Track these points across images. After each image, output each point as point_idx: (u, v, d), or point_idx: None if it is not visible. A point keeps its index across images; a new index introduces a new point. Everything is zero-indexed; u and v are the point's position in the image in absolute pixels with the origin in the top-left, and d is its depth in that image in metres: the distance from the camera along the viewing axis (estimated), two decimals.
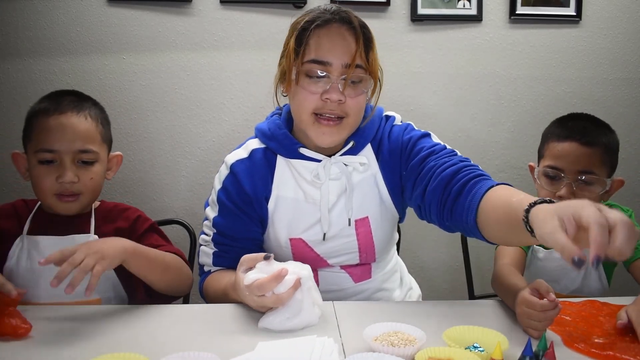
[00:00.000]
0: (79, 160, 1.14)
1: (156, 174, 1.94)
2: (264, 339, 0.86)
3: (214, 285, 1.12)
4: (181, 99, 1.92)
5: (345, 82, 1.03)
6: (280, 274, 0.89)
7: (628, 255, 0.65)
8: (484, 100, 2.02)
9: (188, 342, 0.87)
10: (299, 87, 1.06)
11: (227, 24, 1.90)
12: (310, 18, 1.06)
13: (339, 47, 1.04)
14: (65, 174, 1.11)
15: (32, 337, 0.89)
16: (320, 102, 1.05)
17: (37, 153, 1.12)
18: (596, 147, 1.23)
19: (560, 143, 1.25)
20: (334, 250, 1.16)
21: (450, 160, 1.06)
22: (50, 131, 1.12)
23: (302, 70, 1.05)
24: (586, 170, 1.23)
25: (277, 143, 1.13)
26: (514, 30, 1.99)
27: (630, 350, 0.85)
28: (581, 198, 1.20)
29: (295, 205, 1.14)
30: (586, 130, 1.25)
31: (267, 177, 1.14)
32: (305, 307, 0.91)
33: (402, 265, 1.37)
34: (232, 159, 1.15)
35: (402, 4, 1.94)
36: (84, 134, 1.15)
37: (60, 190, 1.13)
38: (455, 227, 1.04)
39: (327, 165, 1.12)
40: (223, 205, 1.13)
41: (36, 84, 1.86)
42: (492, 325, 0.89)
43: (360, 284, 1.20)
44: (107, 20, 1.86)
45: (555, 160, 1.25)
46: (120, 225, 1.21)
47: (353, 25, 1.05)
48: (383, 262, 1.24)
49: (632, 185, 2.07)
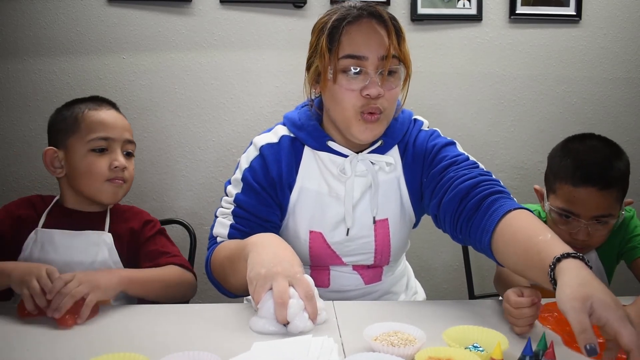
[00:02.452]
0: (124, 151, 1.24)
1: (156, 174, 1.94)
2: (262, 339, 0.86)
3: (222, 252, 1.11)
4: (181, 99, 1.92)
5: (384, 74, 1.03)
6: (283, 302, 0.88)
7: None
8: (484, 100, 2.02)
9: (188, 342, 0.87)
10: (337, 85, 1.05)
11: (227, 24, 1.90)
12: (339, 16, 1.06)
13: (373, 40, 1.04)
14: (119, 159, 1.21)
15: (31, 337, 0.89)
16: (363, 100, 1.04)
17: (91, 142, 1.20)
18: (613, 189, 1.18)
19: (577, 189, 1.18)
20: (351, 249, 1.15)
21: (470, 173, 1.05)
22: (104, 121, 1.22)
23: (339, 67, 1.04)
24: (604, 214, 1.18)
25: (306, 134, 1.13)
26: (514, 30, 1.99)
27: None
28: (595, 236, 1.20)
29: (318, 198, 1.13)
30: (602, 173, 1.17)
31: (293, 166, 1.13)
32: (296, 314, 0.89)
33: (409, 270, 1.37)
34: (262, 141, 1.14)
35: (402, 3, 1.94)
36: (128, 128, 1.27)
37: (113, 176, 1.21)
38: (468, 242, 1.04)
39: (354, 161, 1.11)
40: (248, 184, 1.13)
41: (36, 84, 1.86)
42: (492, 325, 0.89)
43: (370, 286, 1.19)
44: (107, 20, 1.86)
45: (571, 205, 1.19)
46: (133, 225, 1.25)
47: (383, 19, 1.06)
48: (394, 266, 1.24)
49: (632, 185, 2.06)
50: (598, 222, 1.19)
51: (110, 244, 1.20)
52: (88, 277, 0.98)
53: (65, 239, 1.17)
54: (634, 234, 1.29)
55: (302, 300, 0.90)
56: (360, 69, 1.03)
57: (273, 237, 1.03)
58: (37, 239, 1.17)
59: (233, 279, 1.07)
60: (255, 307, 0.92)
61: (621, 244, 1.30)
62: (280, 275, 0.90)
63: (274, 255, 0.94)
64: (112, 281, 1.03)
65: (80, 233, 1.18)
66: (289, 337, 0.86)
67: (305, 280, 0.92)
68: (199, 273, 1.24)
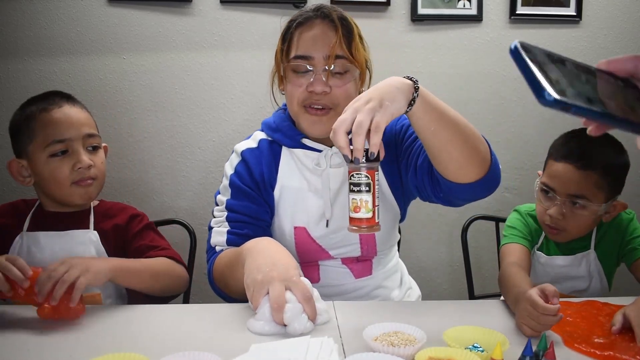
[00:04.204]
0: (88, 146, 1.19)
1: (156, 174, 1.94)
2: (262, 339, 0.86)
3: (222, 260, 1.11)
4: (181, 99, 1.92)
5: (328, 72, 1.08)
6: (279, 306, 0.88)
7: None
8: (484, 100, 2.02)
9: (188, 342, 0.87)
10: (288, 82, 1.13)
11: (227, 24, 1.90)
12: (293, 17, 1.15)
13: (319, 40, 1.09)
14: (82, 160, 1.16)
15: (31, 337, 0.89)
16: (306, 94, 1.10)
17: (48, 147, 1.15)
18: (591, 171, 1.19)
19: (557, 163, 1.23)
20: (336, 241, 1.17)
21: None
22: (57, 123, 1.17)
23: (289, 67, 1.12)
24: (577, 194, 1.20)
25: (281, 134, 1.18)
26: (514, 30, 1.99)
27: (630, 350, 0.86)
28: (571, 219, 1.21)
29: (299, 194, 1.16)
30: (584, 152, 1.20)
31: (273, 166, 1.18)
32: (294, 318, 0.89)
33: (402, 266, 1.38)
34: (243, 147, 1.20)
35: (402, 4, 1.94)
36: (86, 121, 1.21)
37: (78, 178, 1.17)
38: (451, 197, 1.05)
39: (327, 154, 1.16)
40: (236, 188, 1.16)
41: (36, 84, 1.85)
42: (492, 325, 0.89)
43: (361, 280, 1.20)
44: (107, 20, 1.86)
45: (550, 180, 1.25)
46: (118, 222, 1.23)
47: (331, 19, 1.10)
48: (384, 259, 1.24)
49: (632, 185, 2.06)
50: (572, 204, 1.21)
51: (96, 241, 1.18)
52: (78, 261, 0.97)
53: (51, 240, 1.16)
54: (634, 235, 1.29)
55: (300, 303, 0.90)
56: (307, 68, 1.09)
57: (268, 241, 1.04)
58: (22, 243, 1.15)
59: (234, 286, 1.07)
60: (255, 312, 0.93)
61: (621, 246, 1.30)
62: (276, 279, 0.91)
63: (269, 260, 0.95)
64: (102, 267, 1.02)
65: (66, 233, 1.17)
66: (287, 338, 0.86)
67: (301, 282, 0.93)
68: (199, 273, 1.24)
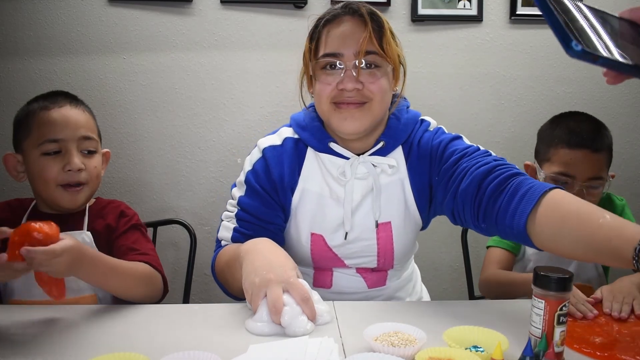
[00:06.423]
0: (82, 150, 1.17)
1: (156, 174, 1.94)
2: (260, 340, 0.86)
3: (223, 257, 1.11)
4: (181, 99, 1.92)
5: (358, 68, 1.04)
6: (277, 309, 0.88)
7: None
8: (484, 100, 2.02)
9: (188, 342, 0.87)
10: (317, 82, 1.09)
11: (227, 24, 1.90)
12: (320, 16, 1.09)
13: (349, 37, 1.05)
14: (73, 161, 1.14)
15: (31, 337, 0.89)
16: (337, 92, 1.06)
17: (41, 145, 1.14)
18: (603, 152, 1.28)
19: (573, 151, 1.27)
20: (353, 252, 1.14)
21: (484, 160, 1.03)
22: (54, 122, 1.15)
23: (318, 65, 1.07)
24: (596, 176, 1.27)
25: (309, 134, 1.14)
26: (514, 30, 1.99)
27: (630, 350, 0.86)
28: (589, 199, 1.21)
29: (319, 200, 1.13)
30: (595, 136, 1.28)
31: (296, 168, 1.13)
32: (293, 321, 0.89)
33: (417, 274, 1.35)
34: (265, 144, 1.15)
35: (402, 4, 1.94)
36: (84, 123, 1.18)
37: (67, 180, 1.14)
38: (494, 229, 0.98)
39: (354, 163, 1.11)
40: (250, 187, 1.13)
41: (36, 84, 1.86)
42: (492, 325, 0.89)
43: (374, 290, 1.18)
44: (108, 20, 1.86)
45: (567, 168, 1.27)
46: (109, 221, 1.21)
47: (360, 14, 1.06)
48: (400, 271, 1.22)
49: (632, 185, 2.07)
50: (591, 186, 1.27)
51: (90, 242, 1.15)
52: (74, 257, 0.94)
53: None
54: None
55: (299, 304, 0.90)
56: (337, 65, 1.05)
57: (265, 242, 1.02)
58: None
59: (233, 285, 1.07)
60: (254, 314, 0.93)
61: None
62: (274, 281, 0.90)
63: (266, 262, 0.94)
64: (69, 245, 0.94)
65: (60, 235, 1.14)
66: (285, 339, 0.86)
67: (299, 283, 0.92)
68: (199, 273, 1.24)
